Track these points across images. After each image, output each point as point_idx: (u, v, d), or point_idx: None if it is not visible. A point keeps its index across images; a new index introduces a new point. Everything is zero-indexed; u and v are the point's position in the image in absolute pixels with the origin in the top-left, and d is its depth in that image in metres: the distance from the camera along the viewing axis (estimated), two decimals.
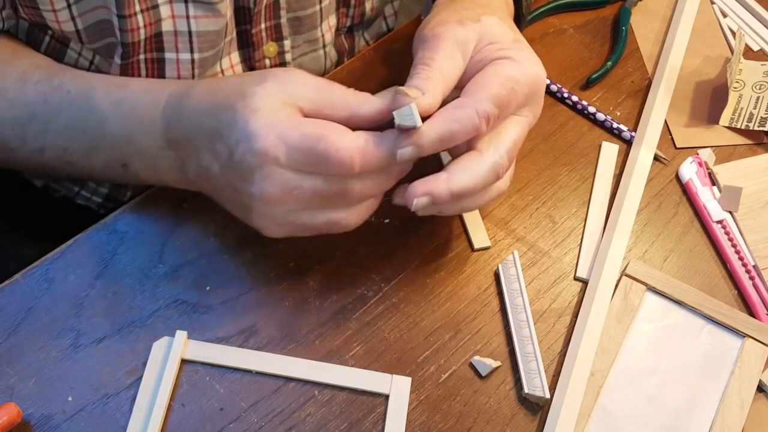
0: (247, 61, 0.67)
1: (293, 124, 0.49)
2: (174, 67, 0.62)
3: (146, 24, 0.58)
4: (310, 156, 0.49)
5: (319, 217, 0.52)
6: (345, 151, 0.48)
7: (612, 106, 0.72)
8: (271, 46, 0.67)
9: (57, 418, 0.52)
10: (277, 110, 0.49)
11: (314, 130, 0.49)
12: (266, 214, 0.52)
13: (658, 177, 0.68)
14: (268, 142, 0.48)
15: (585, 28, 0.78)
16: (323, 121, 0.50)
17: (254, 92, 0.50)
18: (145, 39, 0.59)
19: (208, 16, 0.60)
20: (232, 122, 0.50)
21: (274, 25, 0.66)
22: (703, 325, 0.60)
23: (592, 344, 0.57)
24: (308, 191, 0.50)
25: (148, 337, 0.55)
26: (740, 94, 0.72)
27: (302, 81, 0.51)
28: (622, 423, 0.55)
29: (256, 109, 0.49)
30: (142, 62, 0.61)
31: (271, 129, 0.49)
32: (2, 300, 0.56)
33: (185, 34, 0.60)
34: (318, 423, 0.53)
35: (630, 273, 0.60)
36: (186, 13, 0.59)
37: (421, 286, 0.60)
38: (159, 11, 0.58)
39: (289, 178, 0.49)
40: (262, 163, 0.49)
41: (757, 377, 0.57)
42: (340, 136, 0.49)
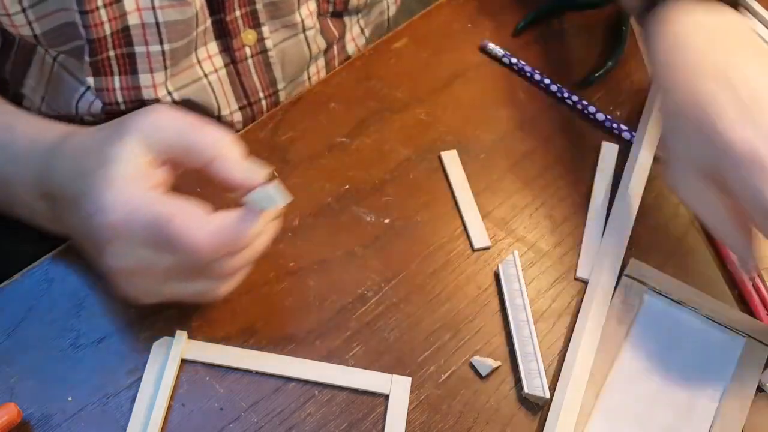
0: (226, 50, 0.66)
1: (144, 201, 0.47)
2: (145, 60, 0.61)
3: (111, 18, 0.57)
4: (158, 237, 0.47)
5: (186, 289, 0.51)
6: (192, 237, 0.47)
7: (612, 106, 0.72)
8: (249, 34, 0.66)
9: (57, 418, 0.52)
10: (131, 182, 0.48)
11: (163, 210, 0.47)
12: (127, 284, 0.51)
13: (658, 177, 0.68)
14: (118, 218, 0.47)
15: (585, 28, 0.78)
16: (178, 200, 0.48)
17: (113, 157, 0.48)
18: (111, 34, 0.58)
19: (174, 6, 0.59)
20: (90, 191, 0.49)
21: (250, 12, 0.65)
22: (702, 325, 0.60)
23: (592, 344, 0.57)
24: (165, 268, 0.49)
25: (148, 337, 0.55)
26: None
27: (165, 126, 0.49)
28: (622, 423, 0.55)
29: (112, 180, 0.48)
30: (113, 59, 0.60)
31: (122, 205, 0.47)
32: (2, 300, 0.56)
33: (153, 26, 0.60)
34: (318, 423, 0.54)
35: (630, 273, 0.60)
36: (152, 5, 0.58)
37: (421, 286, 0.60)
38: (123, 5, 0.57)
39: (142, 255, 0.48)
40: (113, 238, 0.48)
41: (757, 377, 0.57)
42: (190, 219, 0.47)
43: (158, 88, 0.63)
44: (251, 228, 0.48)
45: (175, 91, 0.64)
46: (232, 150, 0.50)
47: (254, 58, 0.68)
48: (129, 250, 0.48)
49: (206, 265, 0.49)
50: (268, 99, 0.71)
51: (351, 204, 0.63)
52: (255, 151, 0.65)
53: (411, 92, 0.70)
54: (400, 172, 0.65)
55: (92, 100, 0.63)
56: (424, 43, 0.73)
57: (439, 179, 0.66)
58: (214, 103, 0.68)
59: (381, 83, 0.70)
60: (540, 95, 0.72)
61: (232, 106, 0.69)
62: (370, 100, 0.69)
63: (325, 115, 0.68)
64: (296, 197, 0.63)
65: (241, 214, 0.48)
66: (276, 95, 0.71)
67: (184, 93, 0.65)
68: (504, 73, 0.73)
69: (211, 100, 0.67)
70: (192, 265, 0.49)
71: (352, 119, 0.68)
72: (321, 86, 0.70)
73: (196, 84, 0.66)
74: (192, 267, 0.49)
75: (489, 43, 0.73)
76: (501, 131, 0.69)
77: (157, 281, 0.50)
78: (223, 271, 0.51)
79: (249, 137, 0.66)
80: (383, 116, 0.68)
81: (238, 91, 0.69)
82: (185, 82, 0.65)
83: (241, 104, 0.69)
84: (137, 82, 0.62)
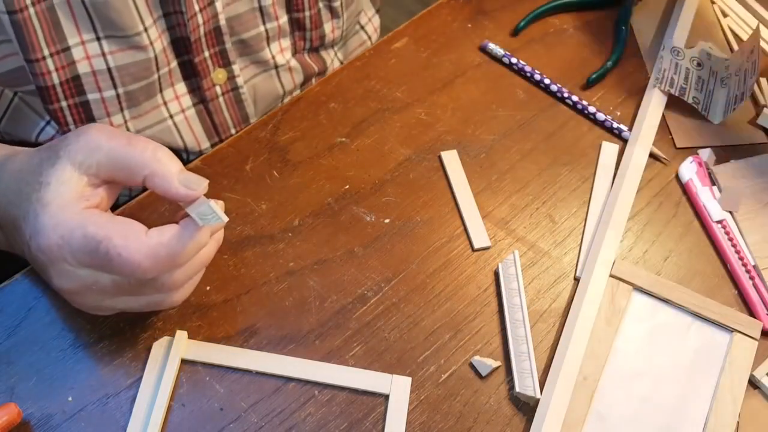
0: (196, 90, 0.66)
1: (77, 224, 0.47)
2: (100, 106, 0.61)
3: (59, 67, 0.57)
4: (95, 259, 0.47)
5: (136, 302, 0.51)
6: (129, 257, 0.46)
7: (612, 106, 0.72)
8: (220, 73, 0.66)
9: (57, 418, 0.52)
10: (65, 206, 0.48)
11: (97, 231, 0.47)
12: (77, 302, 0.51)
13: (658, 177, 0.68)
14: (52, 242, 0.47)
15: (585, 28, 0.78)
16: (113, 220, 0.48)
17: (48, 180, 0.48)
18: (61, 83, 0.58)
19: (124, 49, 0.59)
20: (26, 215, 0.49)
21: (219, 51, 0.65)
22: (690, 323, 0.60)
23: (581, 345, 0.57)
24: (109, 286, 0.49)
25: (148, 337, 0.55)
26: (676, 62, 0.71)
27: (97, 146, 0.48)
28: (616, 426, 0.55)
29: (47, 203, 0.48)
30: (66, 109, 0.60)
31: (55, 229, 0.47)
32: (2, 300, 0.56)
33: (104, 72, 0.59)
34: (318, 423, 0.53)
35: (616, 273, 0.60)
36: (101, 51, 0.58)
37: (421, 286, 0.60)
38: (71, 53, 0.57)
39: (83, 275, 0.48)
40: (52, 261, 0.48)
41: (748, 371, 0.57)
42: (126, 238, 0.46)
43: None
44: (190, 244, 0.48)
45: (137, 133, 0.64)
46: (166, 165, 0.49)
47: (225, 96, 0.68)
48: (70, 271, 0.48)
49: (150, 281, 0.49)
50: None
51: (351, 204, 0.63)
52: (255, 150, 0.65)
53: (411, 92, 0.70)
54: (400, 172, 0.65)
55: (53, 135, 0.63)
56: (424, 43, 0.73)
57: (439, 179, 0.66)
58: (180, 143, 0.67)
59: (381, 83, 0.70)
60: (540, 95, 0.72)
61: (203, 144, 0.69)
62: (370, 100, 0.69)
63: (325, 115, 0.68)
64: (296, 197, 0.63)
65: (179, 231, 0.48)
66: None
67: (146, 134, 0.65)
68: (504, 73, 0.73)
69: (177, 141, 0.67)
70: (135, 282, 0.49)
71: (352, 119, 0.68)
72: (321, 86, 0.70)
73: (160, 125, 0.66)
74: (135, 283, 0.49)
75: (489, 43, 0.73)
76: (501, 131, 0.69)
77: (104, 297, 0.50)
78: (170, 285, 0.50)
79: (249, 137, 0.66)
80: (383, 116, 0.68)
81: (209, 129, 0.69)
82: (148, 123, 0.65)
83: (212, 141, 0.70)
84: None
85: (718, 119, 0.71)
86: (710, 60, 0.73)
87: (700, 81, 0.71)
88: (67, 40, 0.57)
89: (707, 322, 0.60)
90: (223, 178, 0.63)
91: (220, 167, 0.64)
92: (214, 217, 0.48)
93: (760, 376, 0.57)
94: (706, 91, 0.71)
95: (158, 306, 0.52)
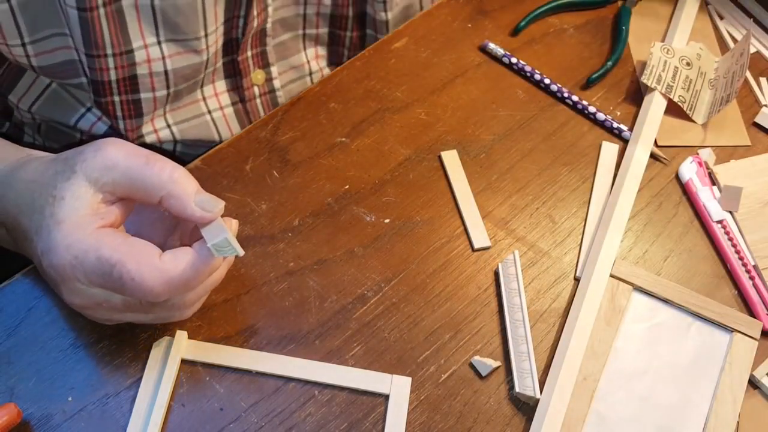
0: (236, 89, 0.67)
1: (91, 245, 0.46)
2: (151, 104, 0.62)
3: (119, 66, 0.57)
4: (107, 281, 0.47)
5: (146, 317, 0.51)
6: (142, 282, 0.46)
7: (612, 106, 0.72)
8: (259, 74, 0.67)
9: (57, 418, 0.52)
10: (79, 224, 0.47)
11: (112, 254, 0.46)
12: (87, 314, 0.51)
13: (658, 177, 0.68)
14: (65, 261, 0.47)
15: (585, 28, 0.78)
16: (127, 242, 0.47)
17: (63, 195, 0.47)
18: (117, 80, 0.58)
19: (181, 53, 0.59)
20: (39, 229, 0.48)
21: (260, 52, 0.66)
22: (691, 322, 0.60)
23: (581, 345, 0.57)
24: (120, 304, 0.49)
25: (148, 337, 0.55)
26: (665, 60, 0.71)
27: (114, 164, 0.48)
28: (617, 426, 0.55)
29: (60, 221, 0.47)
30: (117, 104, 0.60)
31: (68, 249, 0.47)
32: (2, 300, 0.56)
33: (161, 74, 0.60)
34: (318, 423, 0.53)
35: (616, 273, 0.60)
36: (161, 55, 0.59)
37: (421, 286, 0.60)
38: (134, 56, 0.57)
39: (94, 294, 0.48)
40: (64, 279, 0.48)
41: (748, 371, 0.57)
42: (139, 263, 0.46)
43: (156, 120, 0.64)
44: (203, 270, 0.48)
45: (175, 125, 0.65)
46: (183, 186, 0.48)
47: (262, 97, 0.69)
48: (82, 289, 0.48)
49: (161, 302, 0.49)
50: None
51: (351, 204, 0.63)
52: (255, 150, 0.65)
53: (411, 92, 0.70)
54: (400, 172, 0.65)
55: (94, 122, 0.63)
56: (424, 43, 0.73)
57: (439, 179, 0.66)
58: (216, 137, 0.68)
59: (381, 83, 0.70)
60: (540, 95, 0.72)
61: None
62: (370, 100, 0.69)
63: (325, 115, 0.68)
64: (296, 197, 0.63)
65: (193, 257, 0.47)
66: None
67: (183, 126, 0.65)
68: (504, 73, 0.73)
69: (213, 135, 0.68)
70: (146, 303, 0.49)
71: (352, 119, 0.68)
72: (321, 86, 0.70)
73: (198, 119, 0.66)
74: (146, 304, 0.49)
75: (489, 43, 0.73)
76: (501, 131, 0.69)
77: (113, 313, 0.50)
78: (180, 305, 0.50)
79: (249, 137, 0.66)
80: (383, 116, 0.68)
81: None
82: (186, 116, 0.65)
83: None
84: (141, 122, 0.63)
85: (702, 120, 0.71)
86: (699, 60, 0.73)
87: (687, 80, 0.71)
88: (132, 43, 0.57)
89: (707, 322, 0.60)
90: (223, 178, 0.63)
91: (220, 167, 0.64)
92: (230, 249, 0.48)
93: (760, 376, 0.57)
94: (693, 90, 0.71)
95: (167, 320, 0.52)
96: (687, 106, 0.70)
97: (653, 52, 0.72)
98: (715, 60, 0.73)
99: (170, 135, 0.65)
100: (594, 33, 0.77)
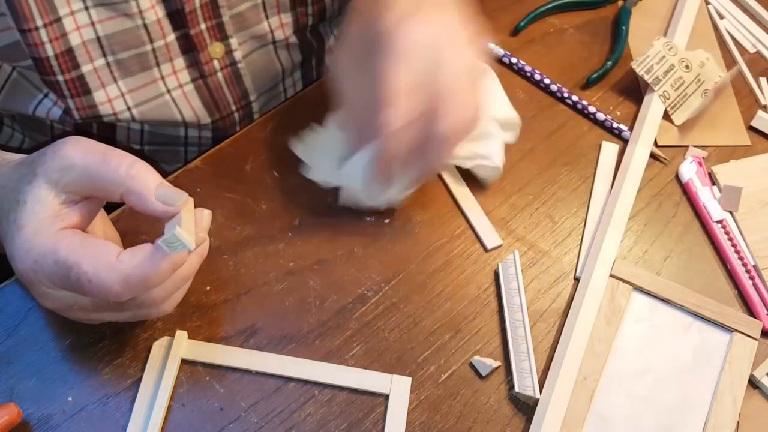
0: (194, 65, 0.65)
1: (49, 248, 0.46)
2: (94, 77, 0.61)
3: (52, 38, 0.57)
4: (67, 284, 0.46)
5: (123, 315, 0.51)
6: (100, 283, 0.45)
7: (612, 106, 0.72)
8: (217, 47, 0.65)
9: (57, 418, 0.52)
10: (39, 228, 0.47)
11: (68, 256, 0.46)
12: (66, 315, 0.51)
13: (658, 177, 0.68)
14: (27, 266, 0.47)
15: (585, 28, 0.78)
16: (85, 243, 0.47)
17: (25, 199, 0.47)
18: (56, 56, 0.58)
19: (112, 17, 0.59)
20: (5, 235, 0.48)
21: (216, 25, 0.64)
22: (691, 322, 0.60)
23: (581, 345, 0.57)
24: (89, 305, 0.49)
25: (148, 337, 0.55)
26: (664, 55, 0.71)
27: (73, 164, 0.47)
28: (616, 426, 0.55)
29: (22, 226, 0.47)
30: (63, 84, 0.60)
31: (29, 253, 0.47)
32: (2, 300, 0.56)
33: (94, 41, 0.59)
34: (318, 423, 0.53)
35: (616, 273, 0.60)
36: (90, 20, 0.58)
37: (421, 286, 0.60)
38: (63, 24, 0.57)
39: (62, 296, 0.48)
40: (30, 284, 0.48)
41: (748, 371, 0.57)
42: (96, 264, 0.45)
43: (114, 102, 0.63)
44: (163, 266, 0.46)
45: (135, 107, 0.64)
46: (142, 181, 0.47)
47: (224, 71, 0.67)
48: (49, 293, 0.48)
49: (128, 300, 0.48)
50: (239, 111, 0.70)
51: None
52: (255, 150, 0.65)
53: None
54: None
55: (50, 107, 0.63)
56: None
57: (439, 179, 0.65)
58: (179, 117, 0.67)
59: None
60: (540, 95, 0.72)
61: (203, 120, 0.69)
62: None
63: (325, 114, 0.68)
64: (296, 197, 0.63)
65: (151, 254, 0.46)
66: (248, 107, 0.71)
67: (144, 109, 0.64)
68: (504, 73, 0.73)
69: (175, 115, 0.67)
70: (113, 302, 0.48)
71: None
72: (321, 86, 0.70)
73: (158, 100, 0.65)
74: (114, 303, 0.48)
75: (489, 43, 0.73)
76: None
77: (88, 313, 0.50)
78: (150, 302, 0.49)
79: (249, 137, 0.66)
80: None
81: (209, 104, 0.68)
82: (146, 97, 0.64)
83: (213, 118, 0.69)
84: (92, 101, 0.62)
85: (680, 121, 0.71)
86: (702, 68, 0.72)
87: (680, 80, 0.71)
88: (58, 11, 0.56)
89: (707, 322, 0.60)
90: (223, 178, 0.63)
91: (220, 167, 0.64)
92: (180, 245, 0.46)
93: (760, 376, 0.57)
94: (682, 92, 0.71)
95: (147, 317, 0.52)
96: (669, 104, 0.70)
97: (654, 45, 0.71)
98: (719, 74, 0.73)
99: (130, 116, 0.64)
100: (594, 33, 0.77)
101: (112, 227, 0.56)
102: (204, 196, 0.62)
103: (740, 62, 0.76)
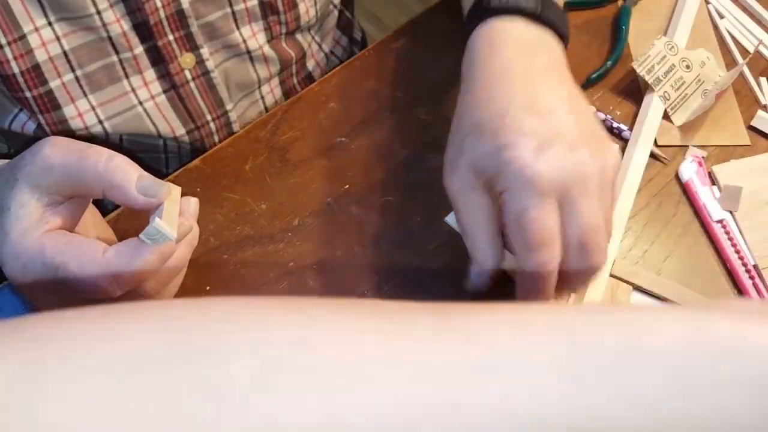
0: (165, 76, 0.65)
1: (35, 252, 0.46)
2: (63, 92, 0.61)
3: (17, 56, 0.57)
4: (56, 284, 0.46)
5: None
6: (86, 281, 0.45)
7: (612, 106, 0.72)
8: (187, 57, 0.65)
9: None
10: (24, 233, 0.47)
11: (54, 258, 0.46)
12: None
13: (658, 177, 0.68)
14: (16, 272, 0.47)
15: (585, 27, 0.78)
16: (70, 244, 0.47)
17: (8, 205, 0.47)
18: (22, 73, 0.58)
19: (76, 31, 0.59)
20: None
21: (185, 35, 0.64)
22: None
23: None
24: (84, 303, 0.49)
25: None
26: (665, 55, 0.71)
27: (52, 165, 0.47)
28: None
29: (7, 232, 0.47)
30: (31, 100, 0.60)
31: (17, 259, 0.47)
32: (2, 300, 0.56)
33: (61, 57, 0.59)
34: None
35: (616, 273, 0.60)
36: (55, 35, 0.58)
37: (421, 286, 0.60)
38: (28, 41, 0.57)
39: (53, 299, 0.48)
40: (22, 288, 0.48)
41: None
42: (81, 264, 0.46)
43: (85, 116, 0.63)
44: (149, 259, 0.46)
45: (107, 120, 0.64)
46: (122, 175, 0.47)
47: (196, 80, 0.67)
48: (39, 295, 0.48)
49: (121, 296, 0.48)
50: (216, 121, 0.70)
51: (351, 204, 0.63)
52: (255, 150, 0.65)
53: (411, 92, 0.70)
54: (400, 172, 0.65)
55: (25, 121, 0.63)
56: (424, 43, 0.73)
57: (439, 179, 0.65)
58: (153, 130, 0.67)
59: (381, 83, 0.70)
60: None
61: (178, 131, 0.68)
62: (370, 100, 0.69)
63: (324, 115, 0.68)
64: (296, 197, 0.63)
65: (135, 248, 0.46)
66: (225, 116, 0.71)
67: (117, 121, 0.64)
68: None
69: (149, 127, 0.66)
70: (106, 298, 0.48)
71: (352, 119, 0.68)
72: (321, 86, 0.70)
73: (130, 112, 0.65)
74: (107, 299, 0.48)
75: None
76: None
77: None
78: (143, 295, 0.49)
79: (249, 137, 0.66)
80: (383, 116, 0.68)
81: (183, 116, 0.68)
82: (117, 110, 0.64)
83: (188, 128, 0.69)
84: (62, 116, 0.62)
85: (680, 122, 0.71)
86: (702, 68, 0.72)
87: (680, 81, 0.71)
88: (22, 28, 0.56)
89: None
90: (223, 178, 0.63)
91: (220, 167, 0.64)
92: (161, 237, 0.46)
93: None
94: (682, 92, 0.71)
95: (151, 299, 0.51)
96: (669, 105, 0.70)
97: (656, 44, 0.71)
98: (720, 74, 0.73)
99: (102, 130, 0.64)
100: (594, 33, 0.77)
101: (107, 227, 0.56)
102: (204, 196, 0.62)
103: (740, 62, 0.76)
